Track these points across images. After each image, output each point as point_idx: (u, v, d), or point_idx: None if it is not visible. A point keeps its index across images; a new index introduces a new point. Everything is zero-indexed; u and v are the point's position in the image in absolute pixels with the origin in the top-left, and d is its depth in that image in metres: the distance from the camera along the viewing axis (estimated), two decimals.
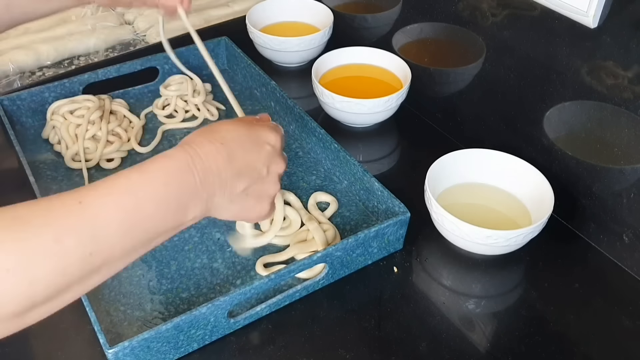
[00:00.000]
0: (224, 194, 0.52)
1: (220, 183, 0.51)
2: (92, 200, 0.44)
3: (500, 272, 0.72)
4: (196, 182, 0.49)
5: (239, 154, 0.53)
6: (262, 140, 0.56)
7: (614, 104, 0.66)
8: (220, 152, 0.52)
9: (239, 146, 0.53)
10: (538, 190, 0.73)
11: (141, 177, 0.47)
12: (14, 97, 0.88)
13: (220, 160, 0.51)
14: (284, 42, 0.99)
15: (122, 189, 0.46)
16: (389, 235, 0.70)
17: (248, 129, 0.56)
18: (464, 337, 0.64)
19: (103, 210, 0.44)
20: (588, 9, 0.63)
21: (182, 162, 0.49)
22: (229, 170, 0.52)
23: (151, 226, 0.47)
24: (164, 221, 0.48)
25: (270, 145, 0.57)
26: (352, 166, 0.78)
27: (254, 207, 0.57)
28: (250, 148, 0.55)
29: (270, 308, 0.66)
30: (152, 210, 0.47)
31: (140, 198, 0.46)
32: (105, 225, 0.44)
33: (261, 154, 0.56)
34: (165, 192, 0.48)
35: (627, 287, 0.70)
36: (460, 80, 0.88)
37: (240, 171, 0.53)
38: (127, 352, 0.57)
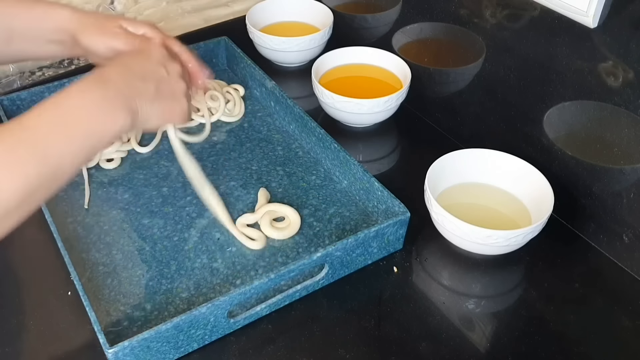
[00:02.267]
0: (141, 97, 0.59)
1: (130, 88, 0.59)
2: (29, 119, 0.52)
3: (500, 272, 0.72)
4: (109, 90, 0.57)
5: (135, 64, 0.62)
6: (150, 53, 0.65)
7: (614, 104, 0.66)
8: (118, 67, 0.60)
9: (132, 60, 0.63)
10: (538, 190, 0.73)
11: (64, 97, 0.54)
12: (14, 97, 0.88)
13: (122, 72, 0.60)
14: (284, 42, 0.99)
15: (52, 108, 0.53)
16: (388, 235, 0.70)
17: (133, 53, 0.66)
18: (464, 337, 0.64)
19: (42, 125, 0.52)
20: (588, 9, 0.63)
21: (90, 81, 0.57)
22: (132, 76, 0.60)
23: (87, 128, 0.54)
24: (97, 122, 0.55)
25: (155, 53, 0.65)
26: (352, 166, 0.78)
27: (174, 105, 0.64)
28: (141, 59, 0.64)
29: (270, 308, 0.66)
30: (84, 114, 0.54)
31: (70, 109, 0.54)
32: (48, 136, 0.51)
33: (151, 58, 0.64)
34: (88, 100, 0.55)
35: (627, 287, 0.70)
36: (460, 80, 0.88)
37: (142, 75, 0.61)
38: (127, 352, 0.57)
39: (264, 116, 0.93)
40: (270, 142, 0.88)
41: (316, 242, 0.73)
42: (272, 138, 0.89)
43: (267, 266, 0.71)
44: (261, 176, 0.82)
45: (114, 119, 0.56)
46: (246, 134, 0.90)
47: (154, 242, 0.73)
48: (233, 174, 0.83)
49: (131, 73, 0.60)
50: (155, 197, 0.79)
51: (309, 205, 0.78)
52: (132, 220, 0.76)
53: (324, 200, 0.79)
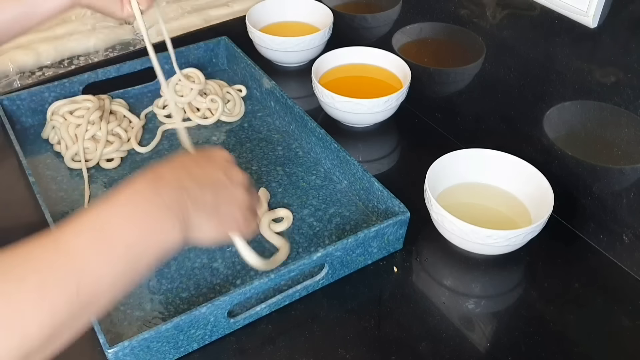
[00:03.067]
0: (197, 209, 0.51)
1: (189, 197, 0.51)
2: (67, 239, 0.44)
3: (500, 272, 0.72)
4: (164, 201, 0.49)
5: (197, 169, 0.54)
6: (212, 155, 0.58)
7: (614, 104, 0.66)
8: (180, 170, 0.53)
9: (194, 164, 0.55)
10: (538, 190, 0.73)
11: (109, 206, 0.47)
12: (14, 97, 0.88)
13: (183, 177, 0.52)
14: (284, 42, 0.99)
15: (92, 222, 0.46)
16: (388, 235, 0.70)
17: (196, 155, 0.58)
18: (464, 337, 0.64)
19: (79, 246, 0.44)
20: (588, 9, 0.63)
21: (145, 187, 0.49)
22: (192, 183, 0.52)
23: (129, 251, 0.46)
24: (145, 247, 0.47)
25: (222, 158, 0.58)
26: (352, 166, 0.78)
27: (230, 217, 0.56)
28: (204, 163, 0.56)
29: (270, 308, 0.66)
30: (126, 234, 0.46)
31: (112, 225, 0.46)
32: (84, 260, 0.44)
33: (216, 165, 0.56)
34: (138, 216, 0.47)
35: (627, 287, 0.70)
36: (460, 80, 0.88)
37: (202, 183, 0.53)
38: (127, 352, 0.57)
39: (264, 116, 0.93)
40: (270, 142, 0.88)
41: (316, 242, 0.73)
42: (272, 138, 0.89)
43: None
44: (261, 176, 0.82)
45: (164, 234, 0.49)
46: (246, 134, 0.90)
47: None
48: None
49: (190, 177, 0.52)
50: None
51: (309, 205, 0.78)
52: None
53: (324, 200, 0.79)
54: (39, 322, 0.41)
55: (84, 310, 0.44)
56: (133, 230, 0.47)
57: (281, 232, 0.74)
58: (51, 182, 0.81)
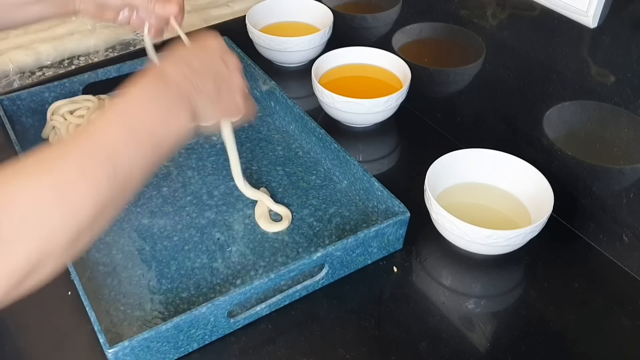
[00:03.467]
0: (201, 97, 0.57)
1: (192, 86, 0.56)
2: (98, 132, 0.50)
3: (500, 272, 0.72)
4: (173, 92, 0.55)
5: (196, 61, 0.59)
6: (206, 46, 0.63)
7: (614, 104, 0.66)
8: (180, 65, 0.58)
9: (193, 57, 0.60)
10: (538, 190, 0.73)
11: (129, 100, 0.53)
12: (14, 97, 0.88)
13: (185, 70, 0.57)
14: (284, 42, 0.99)
15: (117, 115, 0.52)
16: (388, 235, 0.70)
17: (194, 44, 0.63)
18: (464, 337, 0.64)
19: (108, 134, 0.49)
20: (588, 9, 0.63)
21: (154, 81, 0.55)
22: (194, 74, 0.57)
23: (155, 137, 0.52)
24: (163, 129, 0.53)
25: (215, 45, 0.63)
26: (352, 166, 0.78)
27: (231, 101, 0.62)
28: (202, 55, 0.61)
29: (270, 308, 0.66)
30: (150, 123, 0.52)
31: (137, 115, 0.52)
32: (115, 145, 0.49)
33: (213, 55, 0.61)
34: (155, 104, 0.54)
35: (627, 287, 0.70)
36: (460, 80, 0.88)
37: (202, 73, 0.58)
38: (127, 352, 0.57)
39: (264, 116, 0.93)
40: (270, 142, 0.88)
41: (316, 242, 0.73)
42: (272, 138, 0.89)
43: (267, 266, 0.71)
44: (261, 176, 0.82)
45: (178, 121, 0.55)
46: (246, 134, 0.90)
47: (154, 242, 0.73)
48: None
49: (190, 69, 0.57)
50: (155, 197, 0.79)
51: (309, 205, 0.78)
52: (132, 220, 0.76)
53: (324, 200, 0.79)
54: (86, 200, 0.46)
55: (122, 190, 0.49)
56: (153, 119, 0.53)
57: (280, 231, 0.74)
58: None
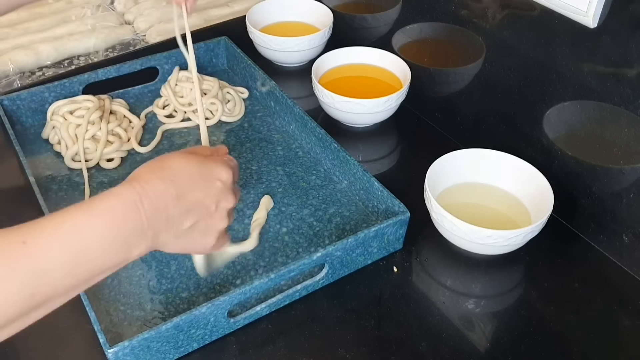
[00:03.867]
0: (170, 231, 0.52)
1: (167, 221, 0.51)
2: (36, 240, 0.43)
3: (500, 272, 0.72)
4: (142, 222, 0.49)
5: (188, 192, 0.53)
6: (213, 176, 0.56)
7: (614, 104, 0.66)
8: (170, 189, 0.51)
9: (189, 183, 0.53)
10: (538, 190, 0.73)
11: (88, 217, 0.47)
12: (14, 97, 0.88)
13: (169, 199, 0.51)
14: (284, 42, 0.99)
15: (67, 229, 0.45)
16: (388, 235, 0.70)
17: (199, 164, 0.56)
18: (464, 337, 0.64)
19: (47, 251, 0.44)
20: (588, 9, 0.63)
21: (129, 201, 0.49)
22: (177, 208, 0.52)
23: (95, 266, 0.47)
24: (109, 260, 0.48)
25: (221, 182, 0.56)
26: (352, 166, 0.78)
27: (199, 241, 0.56)
28: (200, 185, 0.54)
29: (270, 308, 0.66)
30: (97, 251, 0.47)
31: (86, 240, 0.46)
32: (48, 266, 0.43)
33: (211, 190, 0.55)
34: (112, 233, 0.47)
35: (627, 287, 0.70)
36: (460, 80, 0.88)
37: (188, 209, 0.53)
38: (127, 352, 0.57)
39: (264, 116, 0.93)
40: (270, 142, 0.88)
41: (316, 242, 0.73)
42: (272, 138, 0.89)
43: (267, 266, 0.71)
44: (261, 176, 0.82)
45: (131, 254, 0.49)
46: (246, 134, 0.90)
47: None
48: None
49: (179, 202, 0.51)
50: None
51: (309, 205, 0.78)
52: None
53: (324, 200, 0.79)
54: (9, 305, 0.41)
55: (33, 310, 0.44)
56: (103, 250, 0.47)
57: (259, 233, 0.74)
58: (51, 182, 0.81)
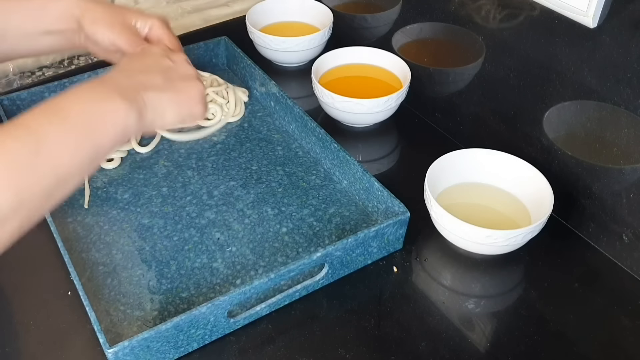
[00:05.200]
0: (147, 89, 0.55)
1: (140, 82, 0.55)
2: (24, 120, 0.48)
3: (500, 272, 0.72)
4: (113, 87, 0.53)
5: (134, 63, 0.59)
6: (146, 51, 0.62)
7: (614, 104, 0.66)
8: (118, 70, 0.57)
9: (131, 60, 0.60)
10: (538, 190, 0.73)
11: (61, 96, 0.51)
12: (14, 97, 0.88)
13: (123, 72, 0.56)
14: (284, 42, 0.99)
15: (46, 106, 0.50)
16: (388, 235, 0.70)
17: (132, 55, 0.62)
18: (464, 337, 0.64)
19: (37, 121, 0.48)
20: (588, 9, 0.63)
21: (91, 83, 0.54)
22: (133, 72, 0.56)
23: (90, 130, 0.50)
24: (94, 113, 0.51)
25: (155, 49, 0.62)
26: (352, 166, 0.78)
27: (187, 91, 0.59)
28: (140, 56, 0.61)
29: (270, 308, 0.66)
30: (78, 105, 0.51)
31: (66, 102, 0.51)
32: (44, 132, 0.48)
33: (153, 54, 0.61)
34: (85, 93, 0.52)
35: (627, 287, 0.70)
36: (460, 80, 0.88)
37: (145, 69, 0.57)
38: (127, 352, 0.57)
39: (264, 116, 0.93)
40: (270, 142, 0.88)
41: (316, 242, 0.73)
42: (272, 138, 0.89)
43: (267, 266, 0.71)
44: (261, 176, 0.82)
45: (115, 111, 0.52)
46: (246, 134, 0.90)
47: (154, 242, 0.73)
48: (233, 174, 0.83)
49: (132, 70, 0.57)
50: (155, 197, 0.79)
51: (309, 205, 0.78)
52: (132, 220, 0.76)
53: (323, 200, 0.79)
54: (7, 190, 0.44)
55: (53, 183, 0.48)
56: (85, 103, 0.51)
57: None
58: None
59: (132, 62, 0.60)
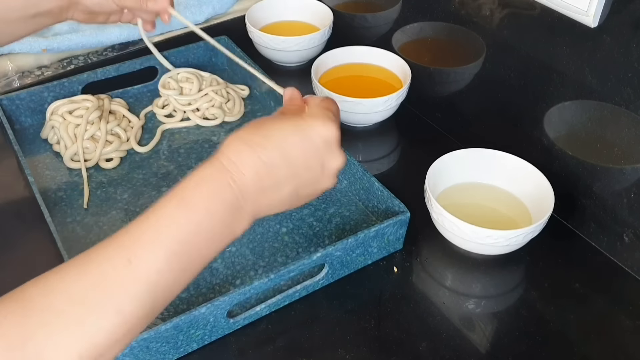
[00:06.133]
0: (270, 200, 0.48)
1: (264, 192, 0.48)
2: (141, 255, 0.43)
3: (500, 272, 0.72)
4: (239, 199, 0.46)
5: (284, 157, 0.48)
6: (312, 136, 0.49)
7: (614, 104, 0.66)
8: (262, 157, 0.47)
9: (283, 148, 0.48)
10: (538, 190, 0.73)
11: (185, 213, 0.45)
12: (13, 97, 0.88)
13: (262, 168, 0.47)
14: (284, 42, 0.99)
15: (167, 232, 0.44)
16: (388, 235, 0.70)
17: (295, 124, 0.50)
18: (464, 337, 0.64)
19: (154, 263, 0.43)
20: (588, 9, 0.63)
21: (222, 184, 0.46)
22: (272, 177, 0.48)
23: (202, 256, 0.46)
24: (215, 245, 0.47)
25: (322, 139, 0.49)
26: (352, 166, 0.78)
27: (302, 202, 0.52)
28: (298, 149, 0.49)
29: (269, 308, 0.66)
30: (202, 243, 0.45)
31: (189, 238, 0.44)
32: (159, 277, 0.43)
33: (310, 151, 0.49)
34: (212, 222, 0.46)
35: (627, 287, 0.70)
36: (460, 79, 0.87)
37: (288, 175, 0.48)
38: (126, 352, 0.57)
39: (263, 116, 0.92)
40: None
41: (316, 242, 0.73)
42: None
43: (266, 266, 0.70)
44: None
45: (234, 234, 0.48)
46: None
47: None
48: None
49: (271, 168, 0.47)
50: (154, 197, 0.79)
51: (309, 205, 0.78)
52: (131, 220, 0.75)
53: (323, 200, 0.79)
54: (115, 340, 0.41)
55: (157, 311, 0.45)
56: (207, 240, 0.45)
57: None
58: (50, 182, 0.81)
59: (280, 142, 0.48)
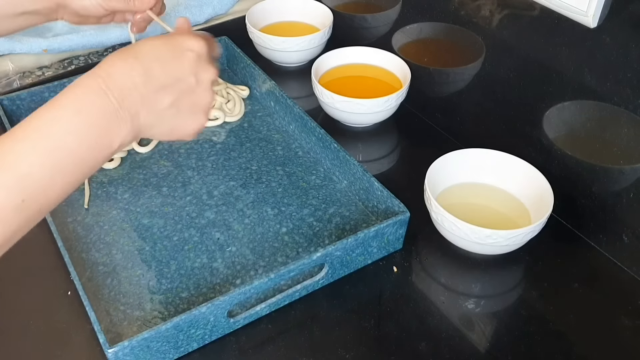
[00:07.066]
0: (149, 111, 0.49)
1: (142, 100, 0.48)
2: (9, 149, 0.43)
3: (500, 272, 0.72)
4: (112, 103, 0.46)
5: (157, 66, 0.49)
6: (182, 47, 0.52)
7: (614, 104, 0.66)
8: (135, 67, 0.48)
9: (155, 58, 0.49)
10: (537, 190, 0.73)
11: (53, 112, 0.45)
12: (14, 97, 0.88)
13: (136, 76, 0.48)
14: (284, 42, 0.99)
15: (35, 129, 0.44)
16: (388, 235, 0.70)
17: (166, 40, 0.51)
18: (464, 337, 0.64)
19: (22, 157, 0.43)
20: (588, 9, 0.63)
21: (93, 87, 0.46)
22: (148, 85, 0.48)
23: (78, 160, 0.46)
24: (90, 151, 0.46)
25: (194, 52, 0.52)
26: (352, 166, 0.78)
27: (188, 123, 0.53)
28: (169, 57, 0.50)
29: (270, 308, 0.66)
30: (74, 143, 0.45)
31: (57, 135, 0.44)
32: (28, 169, 0.43)
33: (183, 62, 0.51)
34: (83, 122, 0.45)
35: (627, 287, 0.70)
36: (460, 80, 0.88)
37: (163, 84, 0.49)
38: (126, 352, 0.57)
39: (264, 116, 0.93)
40: (270, 142, 0.88)
41: (316, 242, 0.73)
42: (272, 138, 0.89)
43: (267, 266, 0.71)
44: (261, 176, 0.82)
45: (111, 141, 0.47)
46: (246, 134, 0.90)
47: (153, 242, 0.73)
48: (233, 173, 0.83)
49: (146, 76, 0.48)
50: (155, 197, 0.79)
51: (309, 205, 0.78)
52: (132, 220, 0.76)
53: (323, 200, 0.79)
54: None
55: (34, 215, 0.45)
56: (79, 141, 0.45)
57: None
58: None
59: (152, 56, 0.50)
